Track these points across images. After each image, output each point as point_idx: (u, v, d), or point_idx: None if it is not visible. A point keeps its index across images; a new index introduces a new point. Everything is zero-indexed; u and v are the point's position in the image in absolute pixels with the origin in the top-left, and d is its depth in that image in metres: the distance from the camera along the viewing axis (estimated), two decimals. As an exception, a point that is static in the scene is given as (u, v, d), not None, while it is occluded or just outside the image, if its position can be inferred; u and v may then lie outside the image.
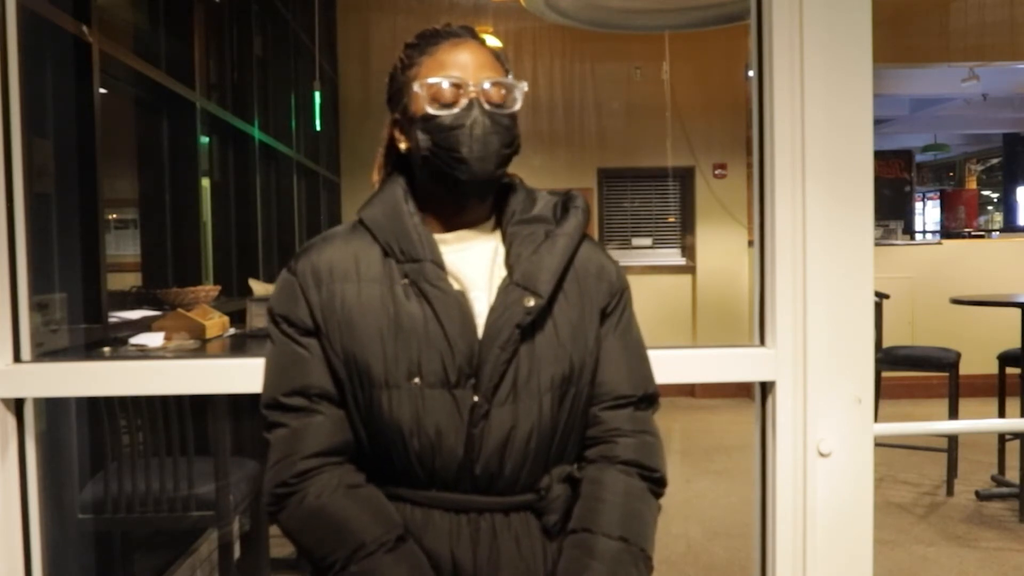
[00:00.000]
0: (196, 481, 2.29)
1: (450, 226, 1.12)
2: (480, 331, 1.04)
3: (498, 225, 1.14)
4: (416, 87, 1.07)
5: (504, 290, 1.06)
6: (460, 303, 1.04)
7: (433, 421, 1.02)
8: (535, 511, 1.06)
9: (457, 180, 1.06)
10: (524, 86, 1.10)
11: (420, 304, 1.04)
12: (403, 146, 1.13)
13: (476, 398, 1.02)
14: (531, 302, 1.04)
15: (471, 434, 1.01)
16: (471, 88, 1.06)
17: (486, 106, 1.06)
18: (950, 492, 3.93)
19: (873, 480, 1.37)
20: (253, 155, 4.26)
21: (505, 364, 1.02)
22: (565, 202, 1.15)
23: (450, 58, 1.08)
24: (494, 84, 1.07)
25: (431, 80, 1.06)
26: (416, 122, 1.08)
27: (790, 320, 1.36)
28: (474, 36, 1.12)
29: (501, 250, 1.11)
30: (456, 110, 1.05)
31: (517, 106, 1.09)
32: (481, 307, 1.06)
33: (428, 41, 1.11)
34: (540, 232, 1.11)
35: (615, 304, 1.14)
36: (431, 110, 1.06)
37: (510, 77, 1.10)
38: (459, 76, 1.06)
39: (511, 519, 1.04)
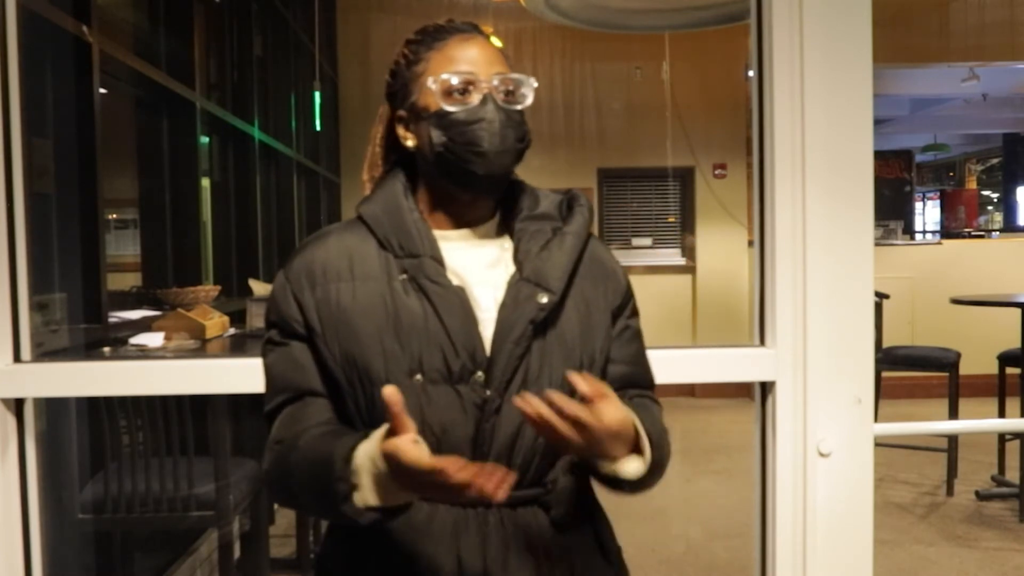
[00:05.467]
0: (196, 481, 2.29)
1: (455, 223, 1.11)
2: (487, 326, 1.04)
3: (503, 222, 1.14)
4: (430, 82, 1.06)
5: (514, 286, 1.05)
6: (461, 298, 1.04)
7: (438, 418, 1.01)
8: (542, 505, 1.06)
9: (473, 175, 1.05)
10: (534, 82, 1.10)
11: (420, 300, 1.03)
12: (410, 143, 1.11)
13: (488, 392, 1.02)
14: (544, 299, 1.04)
15: (482, 429, 1.01)
16: (483, 83, 1.06)
17: (499, 101, 1.06)
18: (950, 492, 3.93)
19: (873, 480, 1.37)
20: (253, 155, 4.26)
21: (518, 360, 1.02)
22: (569, 201, 1.15)
23: (459, 53, 1.07)
24: (505, 80, 1.07)
25: (444, 75, 1.05)
26: (428, 118, 1.07)
27: (790, 320, 1.36)
28: (480, 32, 1.11)
29: (508, 246, 1.11)
30: (471, 105, 1.05)
31: (528, 101, 1.09)
32: (486, 303, 1.06)
33: (434, 36, 1.10)
34: (547, 229, 1.10)
35: (624, 304, 1.15)
36: (446, 106, 1.05)
37: None
38: (471, 71, 1.06)
39: (518, 513, 1.04)
